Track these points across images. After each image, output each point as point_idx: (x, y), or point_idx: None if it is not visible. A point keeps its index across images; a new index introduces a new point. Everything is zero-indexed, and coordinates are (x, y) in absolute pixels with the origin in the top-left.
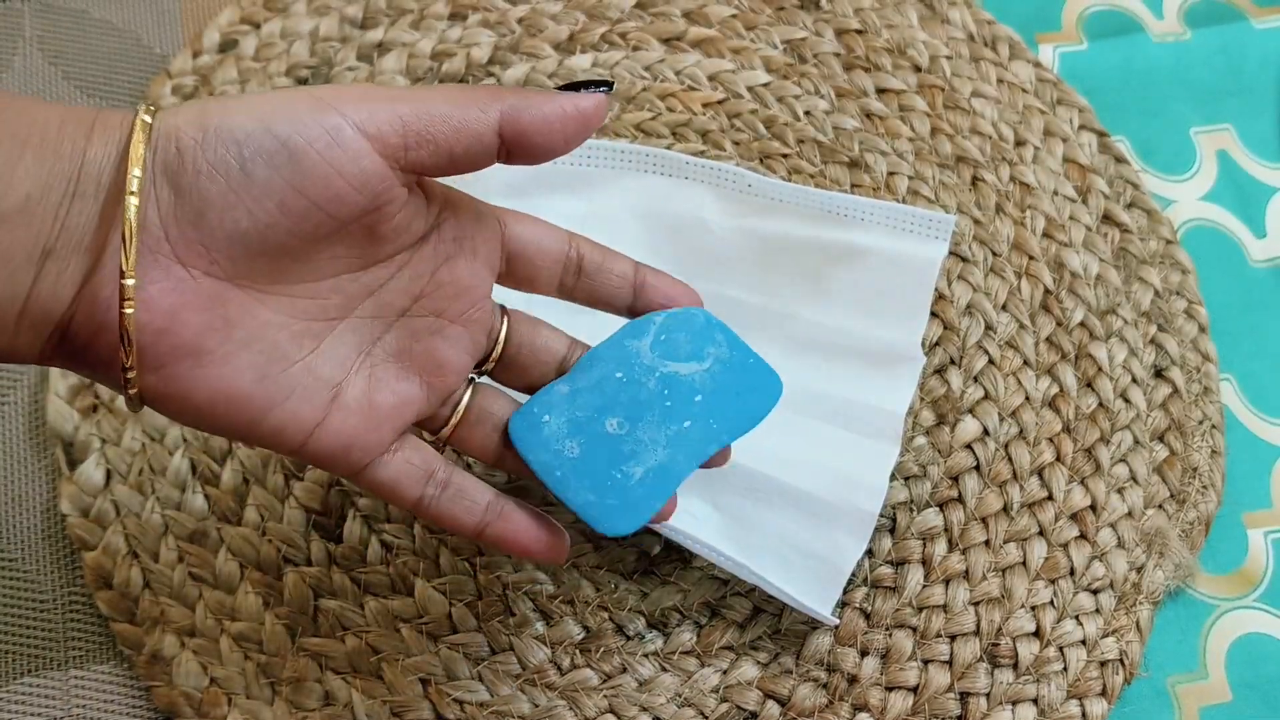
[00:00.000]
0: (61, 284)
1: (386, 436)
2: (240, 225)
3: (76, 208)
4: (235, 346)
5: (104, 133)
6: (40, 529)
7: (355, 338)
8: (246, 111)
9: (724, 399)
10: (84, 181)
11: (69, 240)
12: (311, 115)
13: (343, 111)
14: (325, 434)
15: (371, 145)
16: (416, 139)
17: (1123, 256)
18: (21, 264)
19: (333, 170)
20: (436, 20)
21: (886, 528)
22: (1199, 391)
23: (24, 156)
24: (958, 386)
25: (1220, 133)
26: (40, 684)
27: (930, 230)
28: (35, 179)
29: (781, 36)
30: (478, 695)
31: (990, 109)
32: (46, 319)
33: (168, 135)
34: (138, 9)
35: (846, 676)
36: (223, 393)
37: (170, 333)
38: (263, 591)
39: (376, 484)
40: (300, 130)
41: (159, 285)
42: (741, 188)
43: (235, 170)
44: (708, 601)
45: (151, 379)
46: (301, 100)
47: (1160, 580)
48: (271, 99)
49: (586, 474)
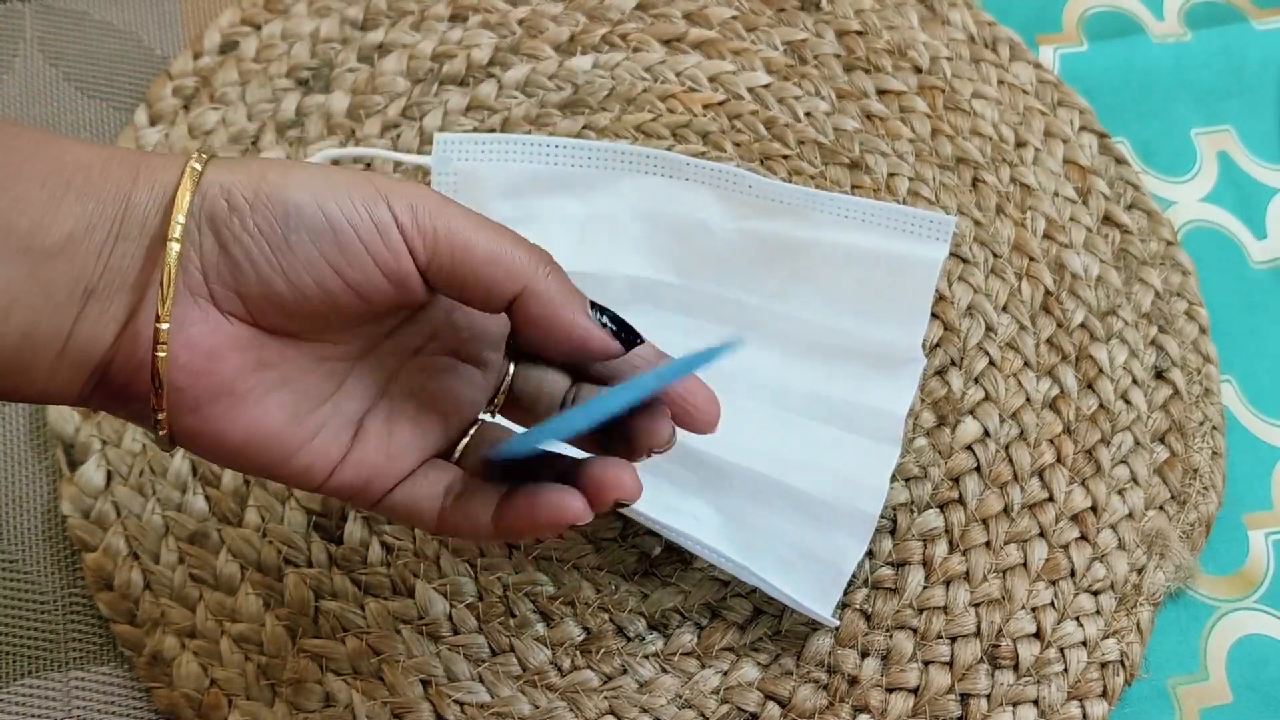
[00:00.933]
0: (103, 324)
1: (406, 468)
2: (276, 288)
3: (120, 249)
4: (269, 388)
5: (149, 175)
6: (41, 530)
7: (374, 376)
8: (302, 183)
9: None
10: (128, 223)
11: (111, 281)
12: (365, 202)
13: (394, 209)
14: (348, 469)
15: (410, 250)
16: (440, 264)
17: (1123, 258)
18: (64, 302)
19: (372, 263)
20: (437, 21)
21: (887, 529)
22: (1200, 393)
23: (67, 195)
24: (958, 388)
25: (1221, 134)
26: (40, 685)
27: (931, 231)
28: (78, 219)
29: (782, 38)
30: (478, 696)
31: (991, 110)
32: (87, 359)
33: (219, 187)
34: (138, 10)
35: (847, 678)
36: (257, 433)
37: (208, 374)
38: (263, 593)
39: (394, 508)
40: (349, 215)
41: (198, 327)
42: (742, 189)
43: (279, 238)
44: (708, 603)
45: (189, 420)
46: (357, 185)
47: (1161, 581)
48: (330, 177)
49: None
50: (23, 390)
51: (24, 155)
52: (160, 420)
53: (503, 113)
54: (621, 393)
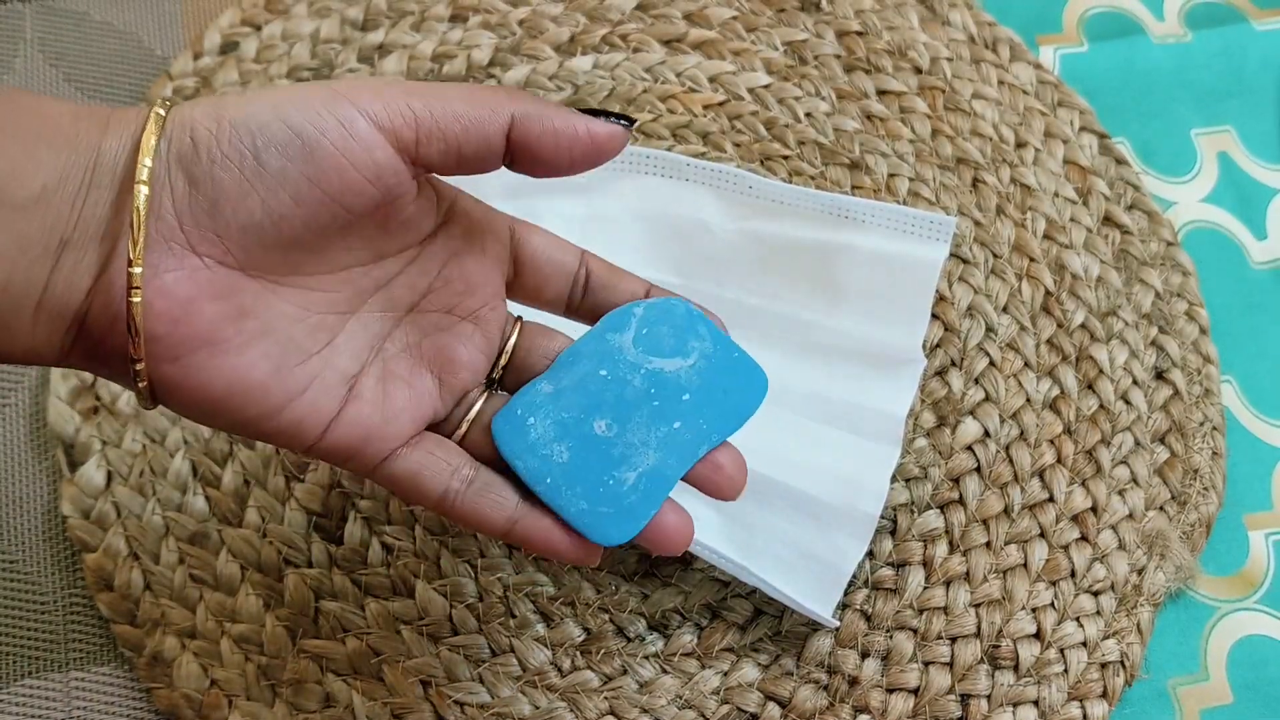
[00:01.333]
0: (78, 274)
1: (404, 430)
2: (254, 215)
3: (93, 198)
4: (250, 337)
5: (119, 126)
6: (41, 531)
7: (367, 332)
8: (261, 103)
9: (711, 396)
10: (99, 172)
11: (85, 230)
12: (326, 106)
13: (357, 103)
14: (341, 427)
15: (384, 138)
16: (428, 134)
17: (1123, 258)
18: (39, 254)
19: (346, 162)
20: (437, 22)
21: (887, 529)
22: (1200, 393)
23: (39, 148)
24: (958, 388)
25: (1221, 134)
26: (41, 686)
27: (931, 232)
28: (51, 170)
29: (782, 38)
30: (478, 697)
31: (991, 111)
32: (64, 311)
33: (183, 125)
34: (139, 11)
35: (847, 678)
36: (239, 384)
37: (185, 321)
38: (263, 593)
39: (395, 478)
40: (314, 121)
41: (174, 273)
42: (742, 189)
43: (249, 160)
44: (708, 603)
45: (168, 369)
46: (316, 92)
47: (1161, 582)
48: (286, 91)
49: (578, 480)
50: (7, 345)
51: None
52: (139, 370)
53: None
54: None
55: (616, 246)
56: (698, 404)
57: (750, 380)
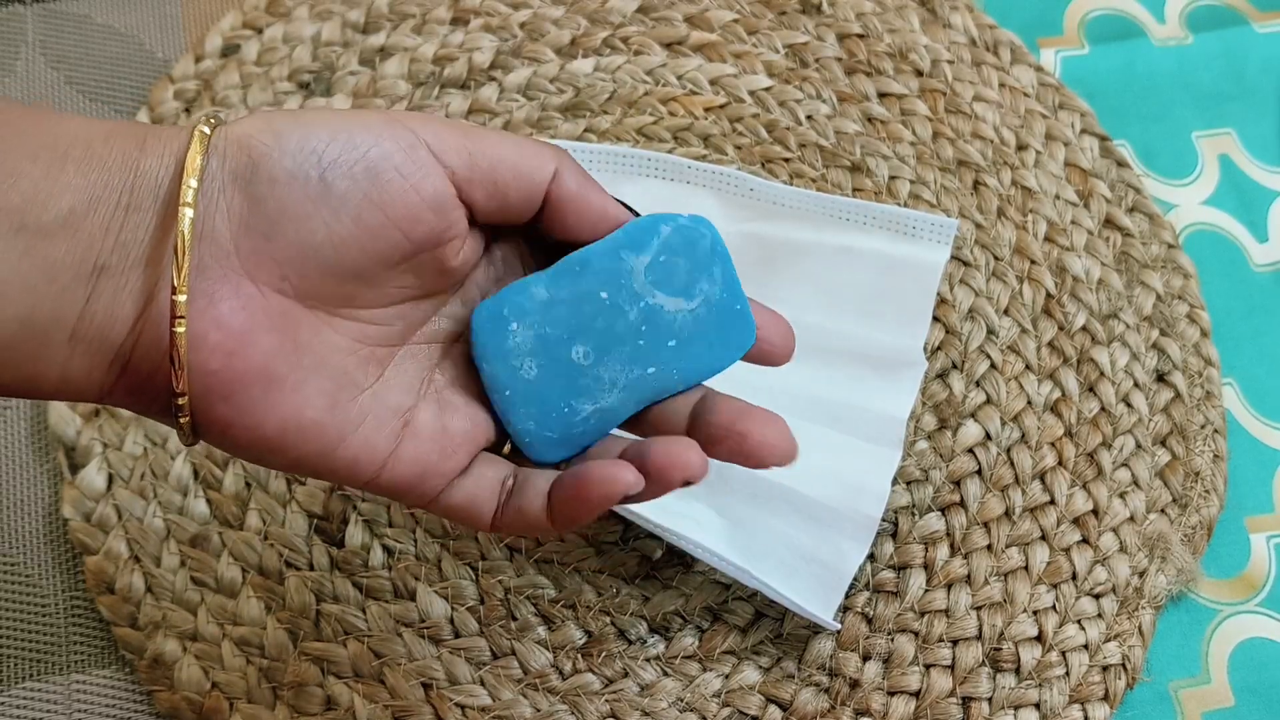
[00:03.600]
0: (119, 303)
1: (461, 461)
2: (316, 237)
3: (133, 220)
4: (305, 373)
5: (158, 144)
6: (42, 533)
7: (415, 365)
8: (321, 123)
9: (695, 347)
10: (139, 193)
11: (126, 255)
12: (388, 130)
13: (416, 131)
14: (399, 463)
15: (443, 169)
16: (480, 175)
17: (1124, 261)
18: (70, 281)
19: (409, 185)
20: (438, 25)
21: (888, 532)
22: (1201, 396)
23: (65, 168)
24: (959, 391)
25: (1222, 137)
26: (42, 688)
27: (932, 234)
28: (79, 191)
29: (783, 41)
30: (479, 700)
31: (992, 113)
32: (105, 344)
33: (237, 142)
34: (140, 14)
35: (848, 681)
36: (294, 421)
37: (241, 355)
38: (264, 596)
39: (451, 508)
40: (378, 144)
41: (229, 303)
42: (743, 192)
43: (314, 179)
44: (709, 606)
45: (222, 409)
46: (375, 116)
47: (1162, 585)
48: (344, 114)
49: (535, 401)
50: (38, 379)
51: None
52: (181, 405)
53: (504, 116)
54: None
55: None
56: (679, 352)
57: (740, 333)
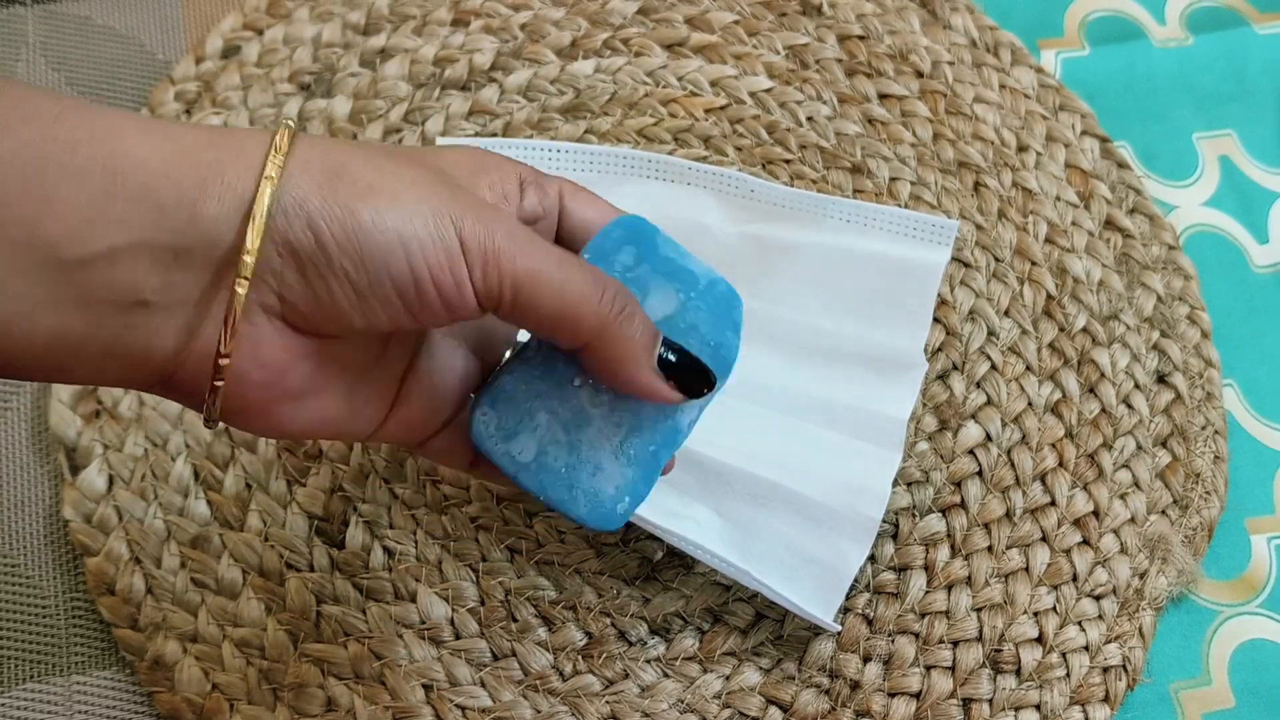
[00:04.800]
0: (162, 335)
1: (449, 414)
2: (353, 325)
3: (181, 265)
4: (328, 381)
5: (219, 181)
6: (43, 534)
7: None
8: (388, 220)
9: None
10: (193, 237)
11: (172, 296)
12: (444, 250)
13: (469, 258)
14: (392, 425)
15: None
16: (518, 305)
17: (1125, 262)
18: (106, 310)
19: (441, 305)
20: (439, 26)
21: (889, 533)
22: (1202, 397)
23: (114, 202)
24: (960, 392)
25: (1223, 138)
26: (42, 690)
27: (933, 235)
28: (127, 230)
29: (783, 42)
30: (480, 701)
31: (992, 114)
32: (142, 363)
33: (305, 218)
34: (141, 15)
35: (849, 682)
36: (317, 420)
37: (279, 385)
38: (265, 597)
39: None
40: (431, 265)
41: (270, 344)
42: (744, 193)
43: (364, 285)
44: (710, 607)
45: (256, 422)
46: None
47: (1163, 586)
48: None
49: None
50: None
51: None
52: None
53: (505, 117)
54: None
55: None
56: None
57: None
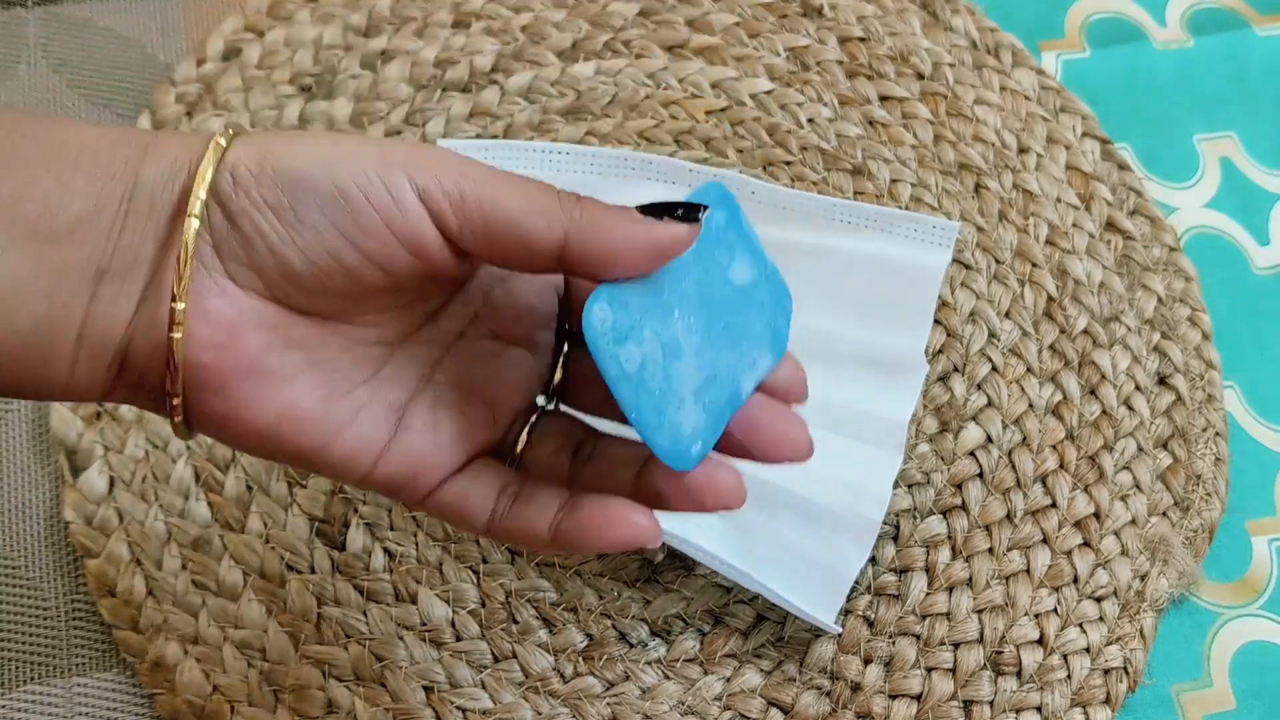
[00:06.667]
0: (117, 305)
1: (456, 458)
2: (293, 266)
3: (130, 225)
4: (298, 368)
5: (158, 151)
6: (43, 536)
7: (414, 363)
8: (310, 153)
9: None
10: (137, 199)
11: (123, 259)
12: (376, 169)
13: (409, 172)
14: (392, 460)
15: (430, 217)
16: (474, 229)
17: (1126, 264)
18: (77, 285)
19: (388, 230)
20: (440, 28)
21: (890, 535)
22: (1203, 399)
23: (75, 177)
24: (961, 393)
25: (1223, 140)
26: (43, 691)
27: (934, 237)
28: (86, 199)
29: (784, 44)
30: (480, 703)
31: (993, 116)
32: (106, 344)
33: (226, 163)
34: (142, 17)
35: (850, 684)
36: (288, 414)
37: (231, 348)
38: (266, 599)
39: (443, 506)
40: (360, 182)
41: (217, 301)
42: (745, 195)
43: (288, 210)
44: (711, 609)
45: (214, 402)
46: (368, 152)
47: (1164, 588)
48: (339, 144)
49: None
50: (48, 382)
51: (27, 138)
52: (175, 405)
53: (505, 119)
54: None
55: None
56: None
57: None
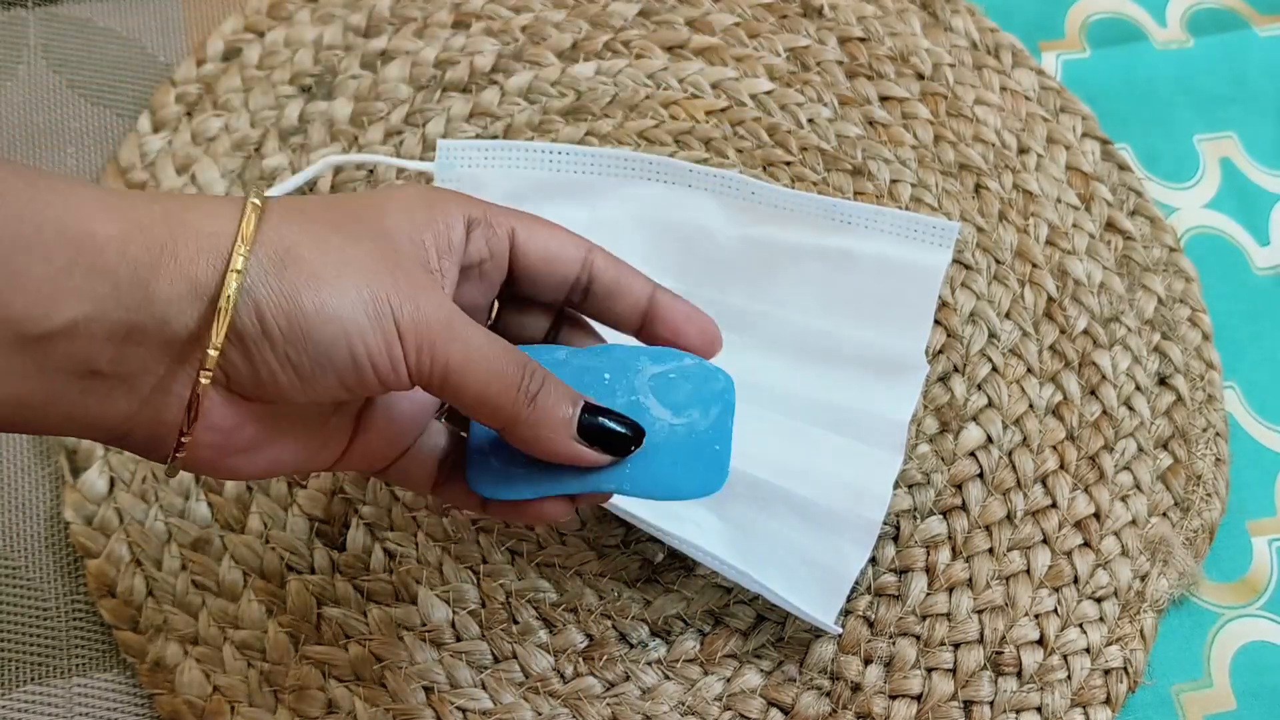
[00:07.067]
0: (113, 400)
1: (406, 443)
2: (294, 399)
3: (135, 339)
4: (280, 435)
5: (173, 263)
6: (44, 537)
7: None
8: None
9: (660, 460)
10: (144, 316)
11: (124, 369)
12: (384, 342)
13: (417, 345)
14: (351, 457)
15: (413, 379)
16: (441, 389)
17: (1126, 264)
18: (64, 379)
19: (379, 386)
20: (440, 28)
21: (890, 535)
22: (1203, 399)
23: (72, 276)
24: (961, 394)
25: (1223, 140)
26: (43, 692)
27: (934, 237)
28: (84, 304)
29: (784, 44)
30: (480, 703)
31: (993, 116)
32: (97, 425)
33: (253, 306)
34: (142, 17)
35: (850, 685)
36: (273, 465)
37: (231, 443)
38: (266, 599)
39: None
40: (373, 354)
41: (220, 410)
42: (745, 195)
43: (307, 371)
44: (711, 609)
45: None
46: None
47: (1164, 588)
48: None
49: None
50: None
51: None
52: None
53: (505, 119)
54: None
55: (619, 253)
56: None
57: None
